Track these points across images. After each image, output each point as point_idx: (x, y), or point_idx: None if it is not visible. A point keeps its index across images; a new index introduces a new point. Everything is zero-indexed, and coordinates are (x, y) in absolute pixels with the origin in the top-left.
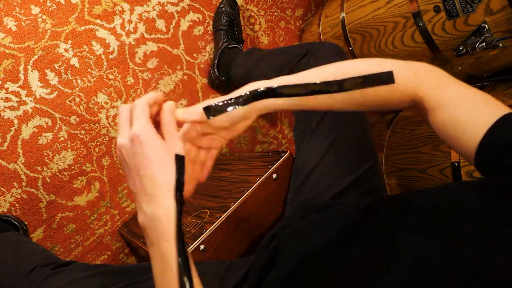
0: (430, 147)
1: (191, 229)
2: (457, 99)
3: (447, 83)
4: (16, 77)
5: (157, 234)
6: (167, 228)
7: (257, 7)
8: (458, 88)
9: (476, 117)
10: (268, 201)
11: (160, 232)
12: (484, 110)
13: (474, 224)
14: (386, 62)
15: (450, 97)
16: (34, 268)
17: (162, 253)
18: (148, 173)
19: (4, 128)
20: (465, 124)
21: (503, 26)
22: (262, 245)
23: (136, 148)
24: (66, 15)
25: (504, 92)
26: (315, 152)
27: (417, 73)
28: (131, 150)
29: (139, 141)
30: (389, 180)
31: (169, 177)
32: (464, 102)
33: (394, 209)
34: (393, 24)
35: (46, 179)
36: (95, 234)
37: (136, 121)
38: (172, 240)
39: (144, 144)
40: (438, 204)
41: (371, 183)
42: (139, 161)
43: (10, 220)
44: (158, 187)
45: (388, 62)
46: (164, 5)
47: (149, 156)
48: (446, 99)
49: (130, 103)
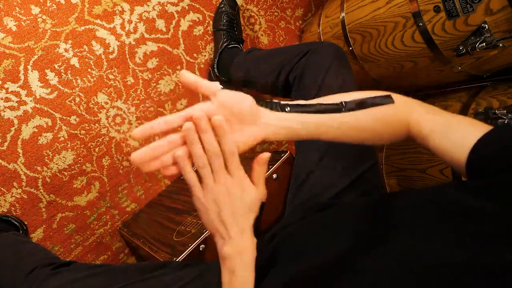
0: None
1: (191, 229)
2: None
3: (434, 111)
4: (16, 77)
5: (234, 268)
6: (245, 266)
7: (257, 7)
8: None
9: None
10: (268, 201)
11: (237, 268)
12: (470, 129)
13: (472, 223)
14: (382, 92)
15: (439, 121)
16: (34, 268)
17: (240, 282)
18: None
19: (4, 128)
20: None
21: (503, 26)
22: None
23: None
24: (66, 15)
25: (504, 92)
26: (315, 152)
27: (406, 103)
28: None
29: (241, 193)
30: (389, 180)
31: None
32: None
33: (393, 209)
34: (393, 24)
35: (46, 179)
36: (95, 234)
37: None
38: (249, 276)
39: (243, 198)
40: (436, 204)
41: (371, 183)
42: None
43: (10, 220)
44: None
45: (383, 92)
46: (164, 5)
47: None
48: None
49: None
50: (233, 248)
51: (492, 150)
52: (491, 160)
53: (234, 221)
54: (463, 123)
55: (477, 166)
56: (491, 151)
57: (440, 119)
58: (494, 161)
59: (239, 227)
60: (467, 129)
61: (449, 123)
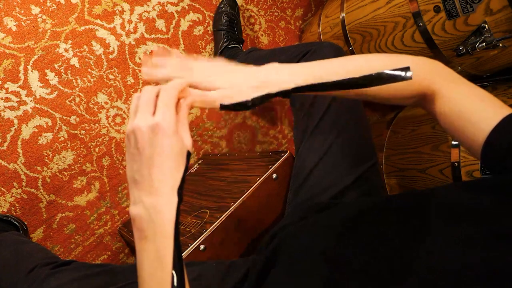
0: (430, 147)
1: (191, 229)
2: (469, 94)
3: (457, 82)
4: (16, 77)
5: (154, 228)
6: (167, 224)
7: (257, 7)
8: (469, 86)
9: (484, 113)
10: (268, 201)
11: (158, 227)
12: (492, 107)
13: (475, 224)
14: (404, 59)
15: (463, 92)
16: (34, 268)
17: (157, 249)
18: (161, 166)
19: (4, 128)
20: (473, 118)
21: (503, 26)
22: (262, 245)
23: (157, 138)
24: (66, 15)
25: (505, 92)
26: (315, 152)
27: (429, 70)
28: (148, 138)
29: (162, 132)
30: (389, 180)
31: (178, 173)
32: (474, 98)
33: (394, 210)
34: (393, 24)
35: (46, 179)
36: (95, 234)
37: (163, 109)
38: (170, 238)
39: (166, 137)
40: (439, 205)
41: (371, 183)
42: (155, 152)
43: (10, 220)
44: (166, 182)
45: (404, 58)
46: (164, 5)
47: (167, 150)
48: (459, 93)
49: (157, 85)
50: (151, 203)
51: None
52: (506, 154)
53: (160, 170)
54: (485, 100)
55: (492, 158)
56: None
57: (462, 92)
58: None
59: (165, 178)
60: (488, 109)
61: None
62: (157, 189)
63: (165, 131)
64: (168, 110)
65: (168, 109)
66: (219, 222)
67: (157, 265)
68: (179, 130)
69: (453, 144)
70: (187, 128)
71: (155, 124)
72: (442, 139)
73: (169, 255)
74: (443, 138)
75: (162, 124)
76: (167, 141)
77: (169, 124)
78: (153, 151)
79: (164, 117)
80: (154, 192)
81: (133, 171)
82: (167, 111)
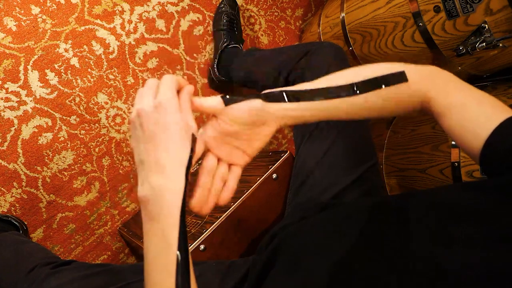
0: (430, 147)
1: (191, 229)
2: (463, 103)
3: (453, 87)
4: (16, 77)
5: (160, 208)
6: (173, 203)
7: (257, 7)
8: (464, 91)
9: (481, 120)
10: (268, 201)
11: (164, 206)
12: (488, 113)
13: (475, 224)
14: (396, 66)
15: (456, 101)
16: (34, 268)
17: (163, 229)
18: (166, 144)
19: (4, 128)
20: (470, 127)
21: (503, 26)
22: (262, 245)
23: (160, 115)
24: (66, 15)
25: (505, 92)
26: (315, 152)
27: (425, 77)
28: (152, 117)
29: (164, 110)
30: (389, 180)
31: (185, 152)
32: (470, 106)
33: (394, 210)
34: (393, 24)
35: (46, 179)
36: (95, 234)
37: (165, 89)
38: (176, 217)
39: (168, 114)
40: (439, 205)
41: (371, 183)
42: (159, 129)
43: (10, 220)
44: (172, 160)
45: (398, 65)
46: (164, 5)
47: (171, 126)
48: (452, 104)
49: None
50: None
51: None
52: (505, 156)
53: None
54: (483, 104)
55: (491, 160)
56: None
57: (459, 97)
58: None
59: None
60: (486, 113)
61: (468, 103)
62: (163, 166)
63: (167, 108)
64: (170, 90)
65: (170, 89)
66: (219, 222)
67: (162, 246)
68: (182, 111)
69: (453, 144)
70: (190, 112)
71: (158, 103)
72: (442, 139)
73: (174, 236)
74: (443, 138)
75: (164, 102)
76: (170, 117)
77: (171, 102)
78: (157, 129)
79: (167, 96)
80: (160, 170)
81: (139, 153)
82: (168, 90)
